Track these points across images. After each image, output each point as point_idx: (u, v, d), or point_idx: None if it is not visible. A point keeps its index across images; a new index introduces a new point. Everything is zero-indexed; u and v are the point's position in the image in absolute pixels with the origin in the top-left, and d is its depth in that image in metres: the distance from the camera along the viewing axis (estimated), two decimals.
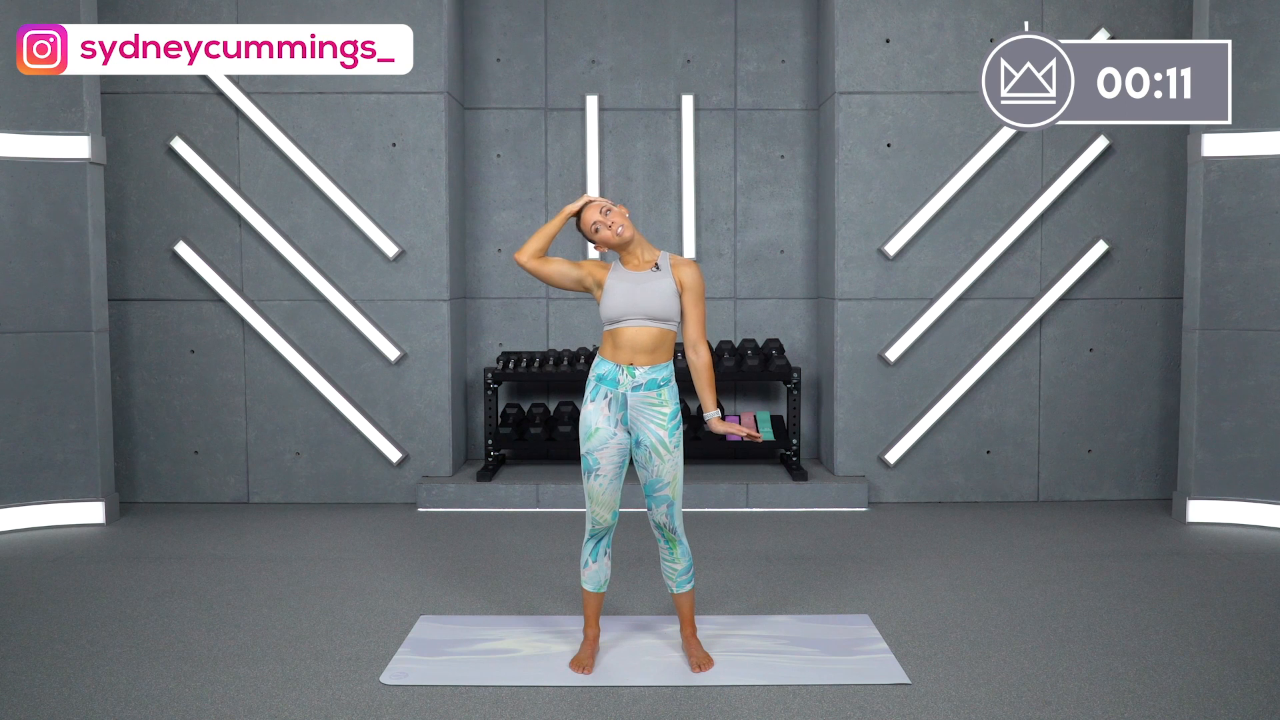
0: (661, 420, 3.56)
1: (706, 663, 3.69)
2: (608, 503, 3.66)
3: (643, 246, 3.67)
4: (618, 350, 3.58)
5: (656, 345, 3.58)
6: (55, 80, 5.62)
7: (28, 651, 3.85)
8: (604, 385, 3.60)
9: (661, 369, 3.59)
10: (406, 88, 6.19)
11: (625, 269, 3.65)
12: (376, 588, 4.63)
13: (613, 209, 3.64)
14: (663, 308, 3.56)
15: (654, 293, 3.56)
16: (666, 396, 3.59)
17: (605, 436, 3.60)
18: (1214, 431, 5.74)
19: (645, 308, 3.55)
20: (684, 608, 3.76)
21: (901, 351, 6.27)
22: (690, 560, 3.72)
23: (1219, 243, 5.69)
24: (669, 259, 3.65)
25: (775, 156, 6.81)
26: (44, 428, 5.72)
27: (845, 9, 6.19)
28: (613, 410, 3.59)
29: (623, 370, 3.57)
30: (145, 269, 6.26)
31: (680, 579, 3.72)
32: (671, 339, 3.63)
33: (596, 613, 3.78)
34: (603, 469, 3.62)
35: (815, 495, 6.12)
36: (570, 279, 3.69)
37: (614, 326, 3.59)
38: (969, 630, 4.05)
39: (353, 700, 3.42)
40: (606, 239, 3.60)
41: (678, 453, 3.61)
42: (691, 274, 3.61)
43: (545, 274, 3.68)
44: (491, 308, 6.87)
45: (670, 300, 3.57)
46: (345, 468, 6.34)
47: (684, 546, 3.70)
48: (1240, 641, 3.92)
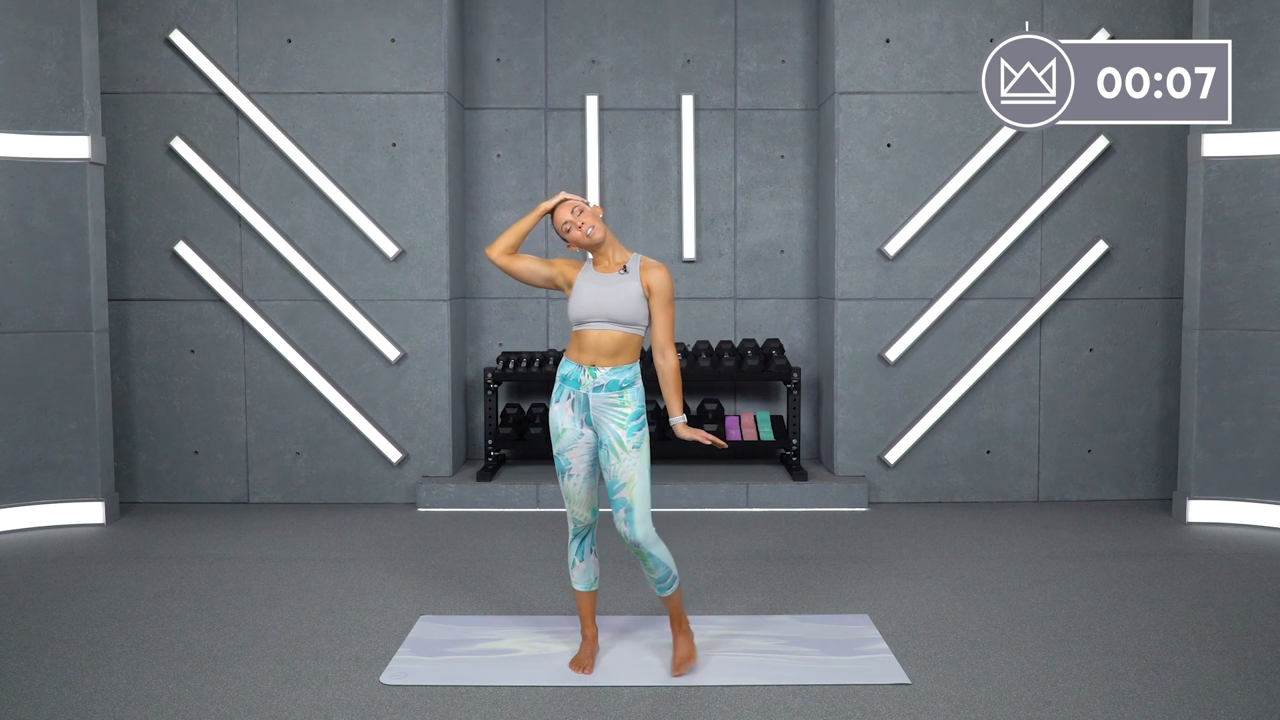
0: (622, 420, 3.53)
1: (685, 664, 3.63)
2: (584, 500, 3.65)
3: (614, 248, 3.63)
4: (581, 352, 3.57)
5: (619, 348, 3.55)
6: (55, 80, 5.62)
7: (28, 651, 3.85)
8: (567, 385, 3.60)
9: (623, 370, 3.55)
10: (406, 88, 6.19)
11: (595, 270, 3.63)
12: (376, 588, 4.63)
13: (585, 209, 3.61)
14: (627, 311, 3.53)
15: (619, 296, 3.53)
16: (629, 397, 3.55)
17: (573, 436, 3.59)
18: (1214, 431, 5.74)
19: (609, 311, 3.53)
20: (670, 608, 3.69)
21: (901, 351, 6.27)
22: (667, 568, 3.59)
23: (1219, 243, 5.69)
24: (639, 261, 3.60)
25: (775, 156, 6.81)
26: (44, 428, 5.72)
27: (845, 9, 6.20)
28: (576, 410, 3.58)
29: (584, 371, 3.56)
30: (145, 269, 6.26)
31: (660, 586, 3.63)
32: (636, 343, 3.59)
33: (592, 612, 3.76)
34: (574, 468, 3.61)
35: (815, 495, 6.12)
36: (540, 276, 3.68)
37: (579, 328, 3.58)
38: (969, 630, 4.05)
39: (353, 700, 3.42)
40: (577, 239, 3.58)
41: (635, 454, 3.53)
42: (659, 278, 3.55)
43: (514, 270, 3.67)
44: (491, 308, 6.87)
45: (635, 304, 3.53)
46: (345, 468, 6.34)
47: (656, 556, 3.56)
48: (1240, 641, 3.92)
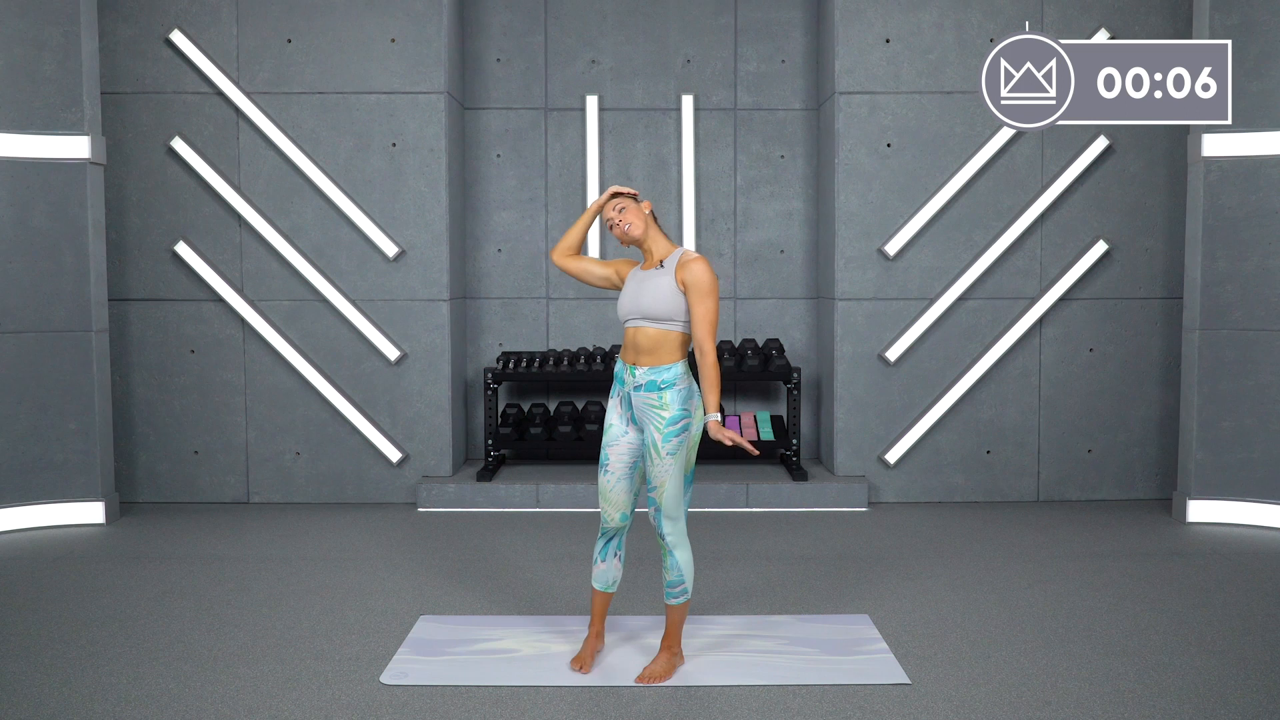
0: (659, 423, 3.48)
1: (652, 678, 3.57)
2: (616, 502, 3.59)
3: (657, 243, 3.59)
4: (625, 349, 3.58)
5: (655, 346, 3.50)
6: (55, 80, 5.62)
7: (28, 651, 3.85)
8: (617, 383, 3.63)
9: (662, 371, 3.49)
10: (406, 88, 6.19)
11: (640, 267, 3.63)
12: (376, 588, 4.63)
13: (628, 206, 3.58)
14: (658, 307, 3.48)
15: (652, 292, 3.50)
16: (668, 400, 3.47)
17: (617, 434, 3.59)
18: (1214, 431, 5.73)
19: (643, 307, 3.50)
20: (669, 619, 3.65)
21: (901, 351, 6.27)
22: (680, 575, 3.55)
23: (1219, 243, 5.69)
24: (679, 256, 3.52)
25: (775, 156, 6.81)
26: (44, 428, 5.72)
27: (845, 9, 6.19)
28: (623, 408, 3.59)
29: (628, 369, 3.55)
30: (145, 269, 6.26)
31: (669, 590, 3.60)
32: (675, 340, 3.51)
33: (602, 612, 3.73)
34: (612, 465, 3.59)
35: (815, 495, 6.12)
36: (596, 276, 3.70)
37: (625, 325, 3.60)
38: (969, 630, 4.05)
39: (353, 700, 3.42)
40: (619, 236, 3.58)
41: (670, 460, 3.47)
42: (694, 271, 3.44)
43: (573, 271, 3.72)
44: (491, 308, 6.87)
45: (667, 300, 3.47)
46: (345, 468, 6.34)
47: (675, 560, 3.53)
48: (1240, 641, 3.92)
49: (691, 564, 3.59)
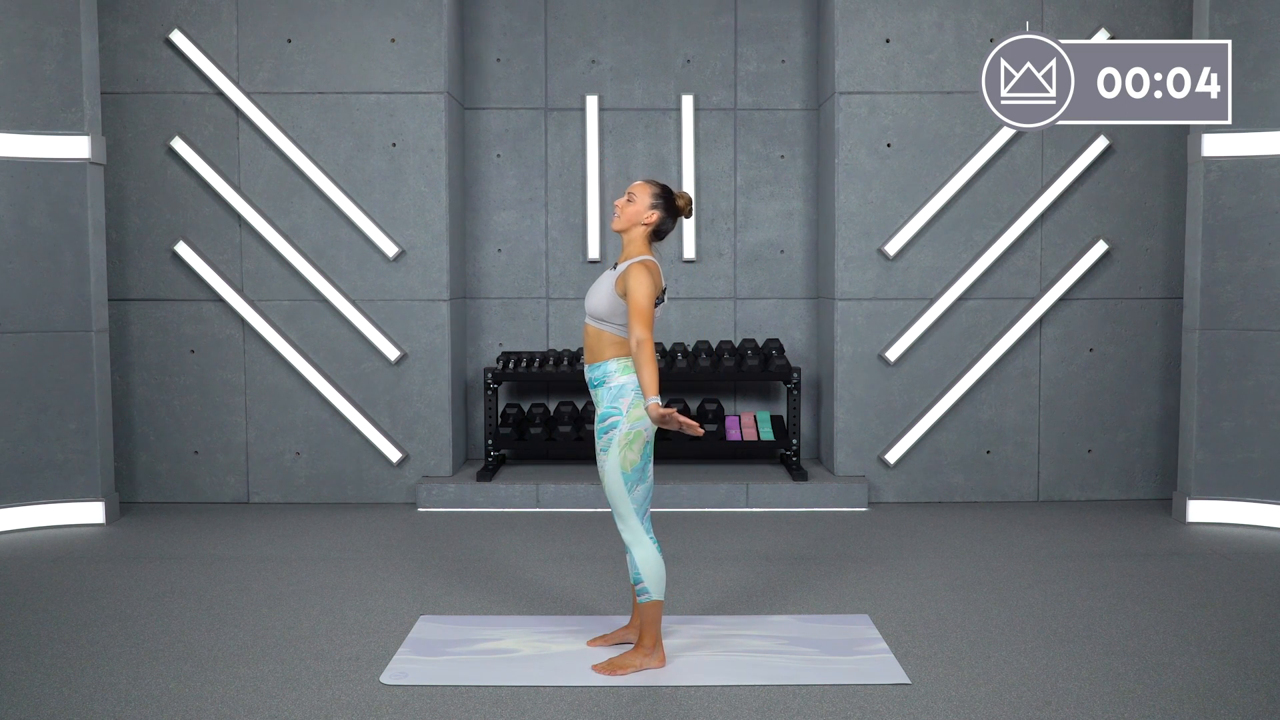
0: (599, 419, 3.60)
1: (611, 670, 3.58)
2: None
3: (631, 247, 3.62)
4: None
5: (595, 343, 3.60)
6: (55, 80, 5.62)
7: (28, 651, 3.85)
8: None
9: (596, 368, 3.59)
10: (406, 88, 6.19)
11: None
12: (376, 588, 4.63)
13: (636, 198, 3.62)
14: (598, 306, 3.57)
15: (597, 290, 3.60)
16: (600, 396, 3.59)
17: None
18: (1214, 431, 5.73)
19: (590, 305, 3.61)
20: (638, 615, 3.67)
21: (901, 351, 6.27)
22: (638, 574, 3.57)
23: (1219, 243, 5.69)
24: (630, 263, 3.52)
25: (775, 156, 6.81)
26: (44, 428, 5.72)
27: (845, 9, 6.19)
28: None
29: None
30: (145, 269, 6.26)
31: (636, 586, 3.62)
32: (609, 340, 3.55)
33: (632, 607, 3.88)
34: None
35: (815, 495, 6.12)
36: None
37: None
38: (969, 630, 4.05)
39: (353, 700, 3.42)
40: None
41: (603, 457, 3.54)
42: (631, 271, 3.47)
43: None
44: (491, 308, 6.87)
45: (604, 299, 3.54)
46: (345, 468, 6.34)
47: (633, 556, 3.58)
48: (1240, 641, 3.92)
49: (654, 562, 3.58)
